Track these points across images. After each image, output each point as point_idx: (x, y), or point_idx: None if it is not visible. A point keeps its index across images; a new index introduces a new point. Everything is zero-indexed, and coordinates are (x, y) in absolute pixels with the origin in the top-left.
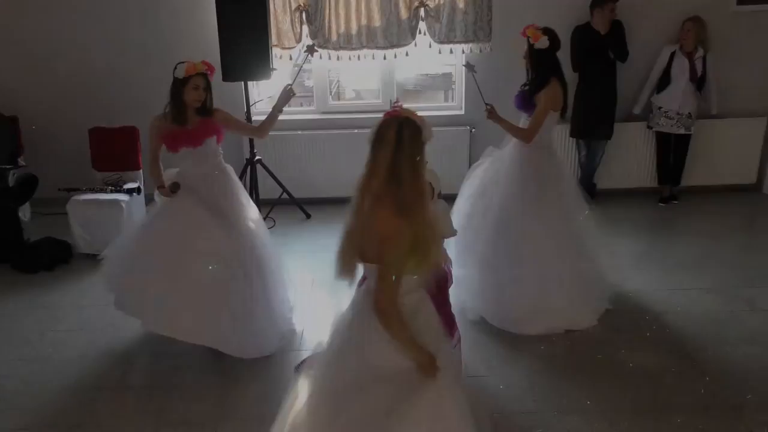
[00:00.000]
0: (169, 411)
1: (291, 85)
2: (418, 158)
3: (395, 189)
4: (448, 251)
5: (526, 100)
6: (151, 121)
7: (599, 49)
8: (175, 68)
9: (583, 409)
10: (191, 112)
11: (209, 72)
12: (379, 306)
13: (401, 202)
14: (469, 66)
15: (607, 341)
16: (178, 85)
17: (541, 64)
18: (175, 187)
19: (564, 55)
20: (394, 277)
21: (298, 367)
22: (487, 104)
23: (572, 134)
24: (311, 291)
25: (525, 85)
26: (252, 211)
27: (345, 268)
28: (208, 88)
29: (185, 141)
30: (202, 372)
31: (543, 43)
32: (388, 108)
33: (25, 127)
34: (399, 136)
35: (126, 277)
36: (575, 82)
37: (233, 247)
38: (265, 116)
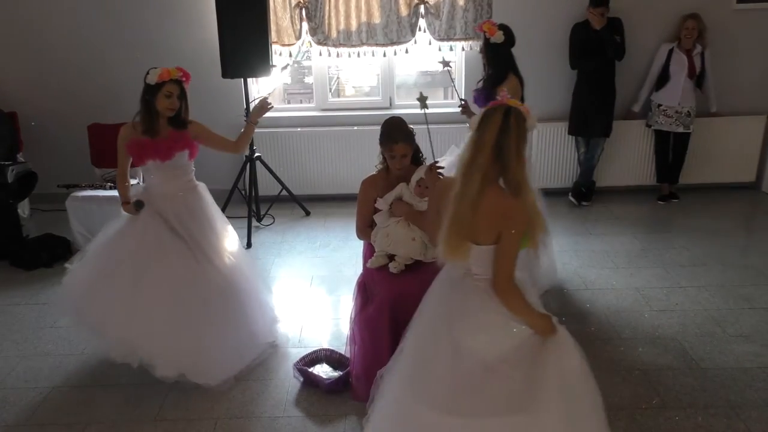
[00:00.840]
0: (169, 408)
1: (267, 96)
2: (522, 143)
3: (502, 171)
4: None
5: (488, 95)
6: (121, 131)
7: (597, 46)
8: (147, 73)
9: None
10: (163, 123)
11: (184, 79)
12: (501, 286)
13: (511, 184)
14: (444, 62)
15: (605, 339)
16: (150, 92)
17: (498, 59)
18: (139, 205)
19: (563, 53)
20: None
21: (297, 364)
22: (461, 99)
23: (570, 131)
24: (310, 288)
25: (481, 80)
26: (225, 234)
27: (454, 252)
28: (182, 96)
29: (153, 153)
30: None
31: (499, 37)
32: (387, 105)
33: (24, 123)
34: (506, 119)
35: (85, 302)
36: (573, 79)
37: (197, 273)
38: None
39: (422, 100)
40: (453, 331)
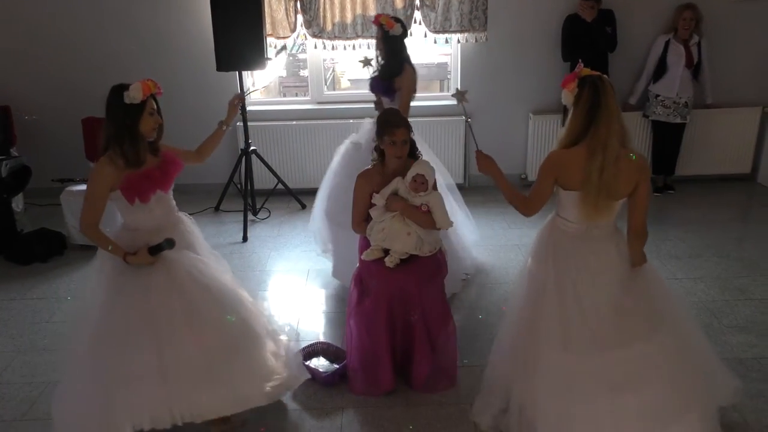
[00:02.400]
0: None
1: (242, 95)
2: None
3: (623, 130)
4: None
5: (385, 85)
6: (99, 172)
7: (589, 38)
8: (118, 92)
9: None
10: (144, 147)
11: (159, 92)
12: (643, 228)
13: (625, 138)
14: (459, 94)
15: None
16: (132, 114)
17: (396, 51)
18: (170, 244)
19: (556, 45)
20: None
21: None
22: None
23: (565, 124)
24: (306, 282)
25: (376, 70)
26: (222, 265)
27: (602, 213)
28: (159, 111)
29: (154, 184)
30: None
31: (397, 30)
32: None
33: (17, 117)
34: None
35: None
36: (567, 72)
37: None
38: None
39: (460, 95)
40: (595, 278)
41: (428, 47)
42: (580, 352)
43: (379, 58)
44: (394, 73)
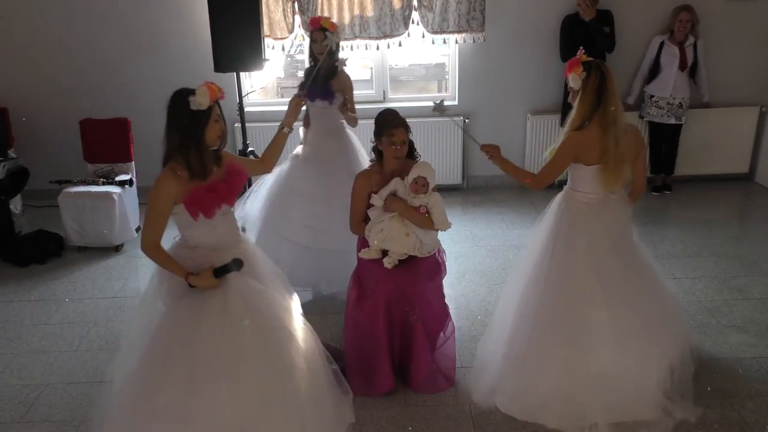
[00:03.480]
0: None
1: (302, 93)
2: None
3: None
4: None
5: (324, 89)
6: (163, 185)
7: (587, 38)
8: (183, 98)
9: None
10: (210, 157)
11: (222, 95)
12: (645, 188)
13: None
14: (438, 108)
15: None
16: (200, 121)
17: (333, 53)
18: (238, 264)
19: (554, 45)
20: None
21: None
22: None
23: (563, 124)
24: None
25: (311, 77)
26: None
27: (622, 180)
28: (223, 117)
29: (220, 198)
30: None
31: (339, 33)
32: (381, 98)
33: (15, 119)
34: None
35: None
36: (564, 71)
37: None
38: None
39: (439, 108)
40: (614, 239)
41: (426, 48)
42: (609, 305)
43: (314, 63)
44: (330, 75)
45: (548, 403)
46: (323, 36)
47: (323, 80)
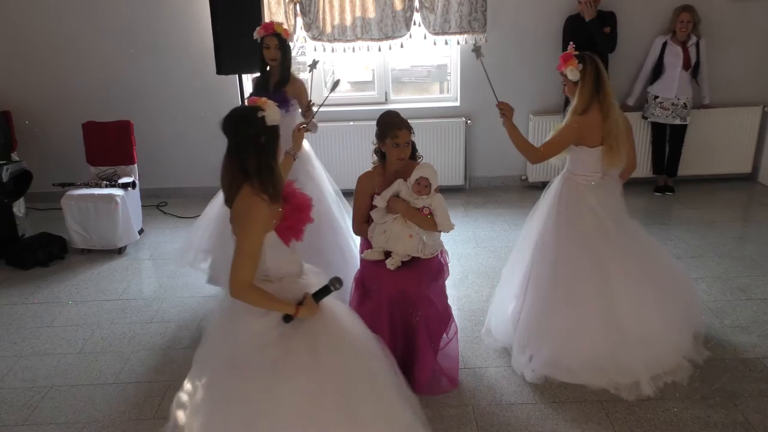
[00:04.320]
0: (168, 405)
1: (306, 123)
2: None
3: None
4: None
5: (279, 96)
6: (259, 211)
7: (589, 38)
8: (253, 115)
9: (579, 398)
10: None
11: None
12: (634, 168)
13: None
14: (477, 50)
15: None
16: (276, 138)
17: (288, 59)
18: (337, 284)
19: (557, 46)
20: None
21: None
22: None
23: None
24: None
25: (262, 84)
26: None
27: (621, 157)
28: None
29: (307, 217)
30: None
31: (291, 38)
32: (383, 100)
33: (18, 122)
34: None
35: None
36: None
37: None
38: None
39: (477, 50)
40: (617, 213)
41: (428, 49)
42: (624, 263)
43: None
44: (285, 82)
45: (590, 363)
46: (276, 42)
47: (277, 87)
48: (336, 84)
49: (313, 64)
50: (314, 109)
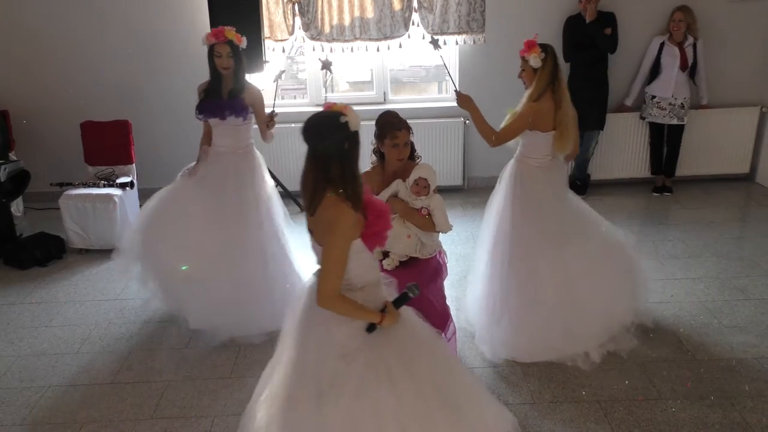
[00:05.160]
0: (166, 406)
1: (274, 111)
2: None
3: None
4: (444, 246)
5: (236, 104)
6: (349, 219)
7: (590, 39)
8: (335, 120)
9: (577, 398)
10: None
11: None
12: (577, 151)
13: None
14: (434, 43)
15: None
16: (358, 143)
17: (242, 65)
18: (416, 290)
19: (556, 46)
20: None
21: None
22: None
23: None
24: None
25: (213, 92)
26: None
27: (574, 141)
28: None
29: (388, 222)
30: (198, 366)
31: (244, 43)
32: (381, 100)
33: (15, 121)
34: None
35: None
36: (566, 73)
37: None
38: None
39: (434, 42)
40: (565, 194)
41: (426, 49)
42: (571, 241)
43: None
44: (240, 90)
45: (546, 342)
46: (228, 50)
47: (232, 95)
48: (280, 74)
49: (327, 65)
50: (274, 110)
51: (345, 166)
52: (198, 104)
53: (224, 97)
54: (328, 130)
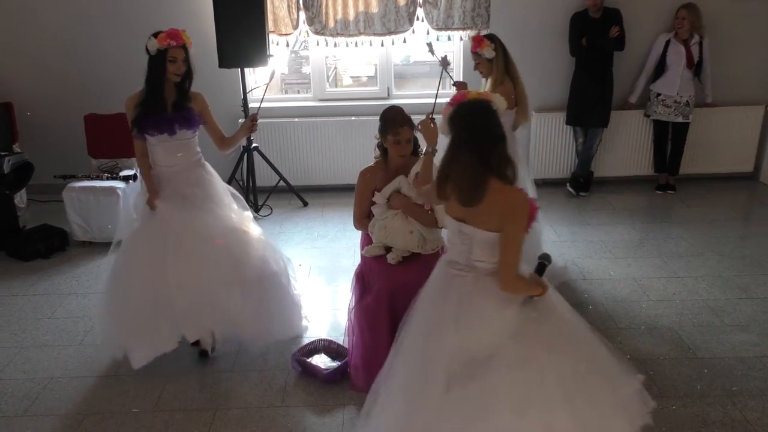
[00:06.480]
0: (167, 398)
1: (257, 114)
2: None
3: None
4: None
5: (187, 116)
6: (525, 199)
7: (597, 34)
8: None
9: None
10: None
11: None
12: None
13: None
14: (444, 62)
15: (602, 329)
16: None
17: (192, 73)
18: (548, 258)
19: (561, 43)
20: None
21: (296, 354)
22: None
23: (568, 122)
24: (308, 279)
25: (153, 106)
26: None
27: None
28: None
29: None
30: (200, 359)
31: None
32: (385, 95)
33: (19, 114)
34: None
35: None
36: (571, 69)
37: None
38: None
39: (429, 46)
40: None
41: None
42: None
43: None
44: (187, 98)
45: None
46: (183, 54)
47: (178, 106)
48: (272, 75)
49: (444, 63)
50: (258, 104)
51: (501, 151)
52: (136, 120)
53: (169, 109)
54: (483, 117)
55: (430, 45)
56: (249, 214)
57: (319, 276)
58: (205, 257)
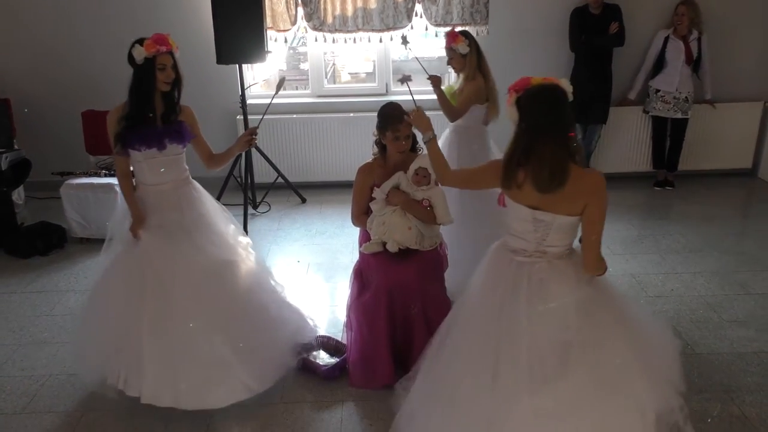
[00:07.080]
0: None
1: (257, 127)
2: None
3: None
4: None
5: (181, 130)
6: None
7: (594, 31)
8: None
9: None
10: None
11: None
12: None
13: None
14: (404, 39)
15: None
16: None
17: (182, 81)
18: None
19: (560, 39)
20: None
21: (299, 360)
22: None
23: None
24: (306, 275)
25: (140, 120)
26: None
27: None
28: None
29: None
30: None
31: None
32: (383, 91)
33: (17, 110)
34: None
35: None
36: (570, 65)
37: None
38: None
39: (404, 39)
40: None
41: (429, 41)
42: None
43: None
44: (177, 109)
45: None
46: (172, 60)
47: (168, 119)
48: (281, 83)
49: (405, 79)
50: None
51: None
52: (121, 135)
53: (158, 121)
54: (563, 102)
55: (404, 38)
56: (243, 239)
57: (317, 273)
58: (185, 301)
